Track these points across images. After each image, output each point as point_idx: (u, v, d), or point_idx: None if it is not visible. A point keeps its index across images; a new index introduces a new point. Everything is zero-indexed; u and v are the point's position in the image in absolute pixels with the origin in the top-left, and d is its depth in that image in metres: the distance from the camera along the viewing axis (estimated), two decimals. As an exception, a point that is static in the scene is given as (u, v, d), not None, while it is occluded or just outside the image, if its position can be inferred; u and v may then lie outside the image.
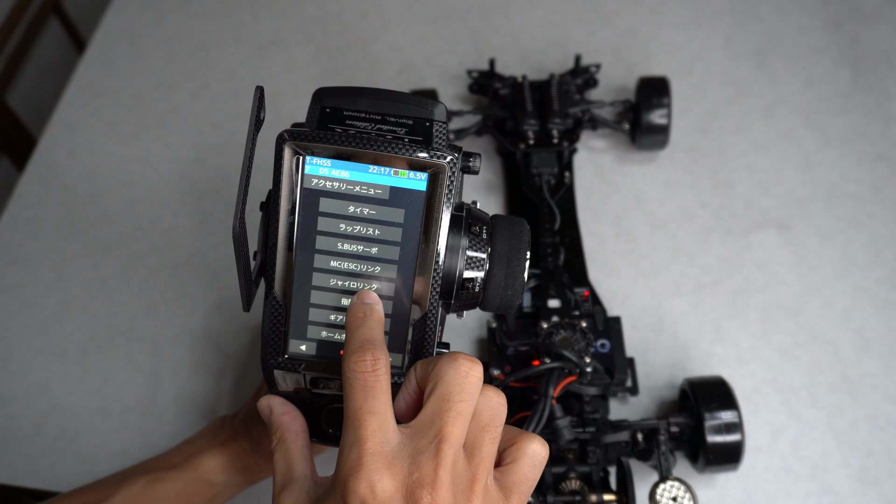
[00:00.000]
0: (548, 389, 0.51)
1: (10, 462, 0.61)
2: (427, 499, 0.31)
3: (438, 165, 0.36)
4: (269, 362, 0.39)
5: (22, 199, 0.73)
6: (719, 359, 0.62)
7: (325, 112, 0.38)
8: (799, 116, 0.75)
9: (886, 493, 0.57)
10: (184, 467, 0.50)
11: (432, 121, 0.38)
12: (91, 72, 0.82)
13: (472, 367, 0.33)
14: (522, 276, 0.39)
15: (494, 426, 0.34)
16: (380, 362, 0.33)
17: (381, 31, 0.83)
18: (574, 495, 0.52)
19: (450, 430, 0.32)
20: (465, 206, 0.39)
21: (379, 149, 0.36)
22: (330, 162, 0.37)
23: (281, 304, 0.38)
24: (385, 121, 0.38)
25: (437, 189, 0.37)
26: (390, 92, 0.38)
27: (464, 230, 0.38)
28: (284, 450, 0.38)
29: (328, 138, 0.36)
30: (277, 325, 0.38)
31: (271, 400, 0.40)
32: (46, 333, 0.66)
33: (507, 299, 0.39)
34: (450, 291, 0.38)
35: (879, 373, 0.61)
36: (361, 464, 0.31)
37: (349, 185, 0.37)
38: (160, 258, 0.69)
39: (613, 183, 0.72)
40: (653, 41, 0.80)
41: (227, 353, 0.64)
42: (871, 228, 0.68)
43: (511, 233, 0.39)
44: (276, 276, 0.38)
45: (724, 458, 0.53)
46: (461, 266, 0.38)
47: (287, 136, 0.36)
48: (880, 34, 0.79)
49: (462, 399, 0.32)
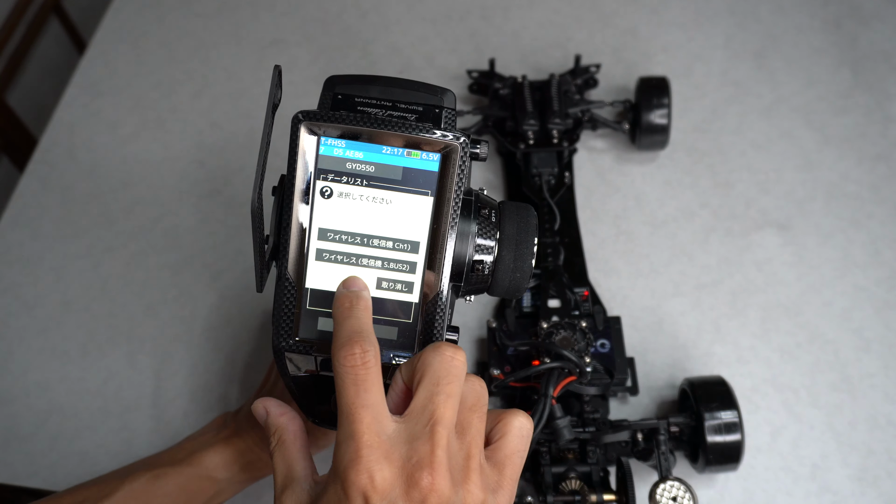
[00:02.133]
0: (548, 389, 0.51)
1: (10, 462, 0.61)
2: (427, 479, 0.31)
3: (450, 146, 0.37)
4: (281, 344, 0.39)
5: (22, 199, 0.73)
6: (719, 359, 0.62)
7: (338, 98, 0.38)
8: (799, 116, 0.75)
9: (886, 493, 0.57)
10: (187, 463, 0.50)
11: (442, 107, 0.39)
12: (91, 72, 0.82)
13: (455, 352, 0.34)
14: (531, 260, 0.39)
15: (480, 406, 0.35)
16: (369, 354, 0.33)
17: (381, 31, 0.83)
18: (574, 495, 0.52)
19: (442, 412, 0.32)
20: (474, 192, 0.40)
21: (394, 129, 0.37)
22: (345, 143, 0.37)
23: (294, 285, 0.38)
24: (395, 107, 0.38)
25: (450, 168, 0.37)
26: (401, 80, 0.39)
27: (473, 213, 0.39)
28: (284, 450, 0.38)
29: (344, 118, 0.37)
30: (289, 307, 0.38)
31: (266, 402, 0.40)
32: (46, 333, 0.66)
33: (516, 282, 0.39)
34: (459, 274, 0.39)
35: (879, 373, 0.61)
36: (360, 456, 0.31)
37: (363, 166, 0.37)
38: (160, 258, 0.69)
39: (613, 183, 0.72)
40: (653, 41, 0.80)
41: (227, 353, 0.64)
42: (871, 228, 0.68)
43: (519, 216, 0.40)
44: (290, 257, 0.38)
45: (724, 457, 0.53)
46: (471, 249, 0.39)
47: (302, 117, 0.37)
48: (880, 34, 0.79)
49: (450, 382, 0.33)
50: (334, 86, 0.39)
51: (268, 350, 0.64)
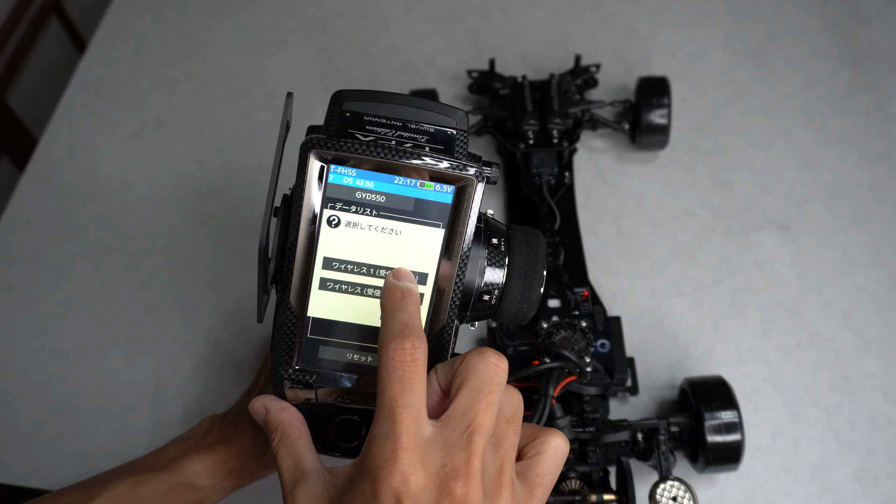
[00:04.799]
0: (548, 389, 0.51)
1: (10, 462, 0.61)
2: (461, 490, 0.31)
3: (466, 179, 0.36)
4: (280, 373, 0.37)
5: (22, 199, 0.73)
6: (719, 359, 0.62)
7: (346, 116, 0.37)
8: (799, 116, 0.75)
9: (886, 493, 0.57)
10: (168, 470, 0.48)
11: (454, 129, 0.37)
12: (91, 72, 0.82)
13: (499, 359, 0.33)
14: (539, 291, 0.39)
15: (517, 419, 0.34)
16: (419, 351, 0.32)
17: (381, 31, 0.83)
18: (574, 495, 0.52)
19: (481, 421, 0.32)
20: (483, 217, 0.39)
21: (408, 159, 0.35)
22: (355, 171, 0.36)
23: (295, 313, 0.37)
24: (406, 127, 0.37)
25: (465, 202, 0.36)
26: (412, 98, 0.38)
27: (483, 242, 0.38)
28: (289, 446, 0.36)
29: (355, 148, 0.35)
30: (289, 335, 0.37)
31: (265, 399, 0.38)
32: (46, 333, 0.66)
33: (522, 312, 0.39)
34: (466, 304, 0.38)
35: (879, 373, 0.61)
36: (396, 458, 0.31)
37: (374, 196, 0.36)
38: (160, 258, 0.69)
39: (613, 183, 0.72)
40: (653, 41, 0.80)
41: (227, 353, 0.64)
42: (871, 228, 0.68)
43: (528, 245, 0.39)
44: (293, 285, 0.37)
45: (724, 457, 0.53)
46: (479, 280, 0.38)
47: (312, 144, 0.35)
48: (880, 34, 0.79)
49: (492, 390, 0.32)
50: (342, 101, 0.37)
51: (267, 350, 0.64)
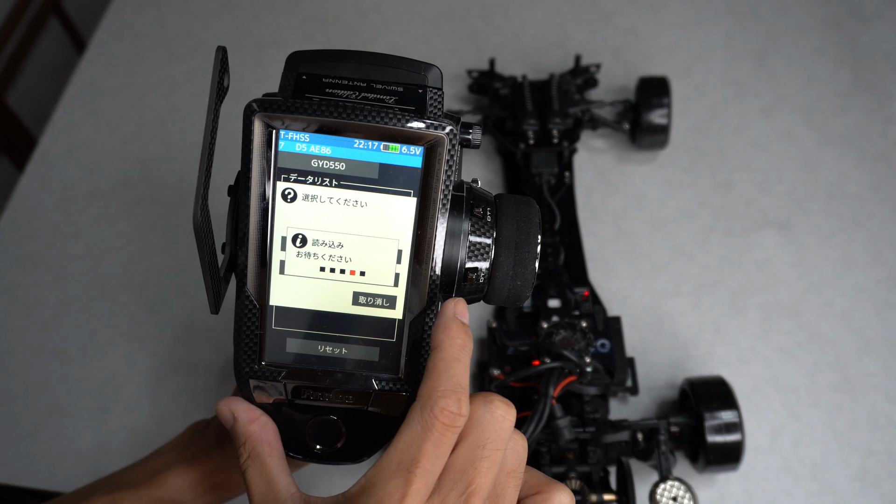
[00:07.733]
0: (548, 389, 0.51)
1: (10, 462, 0.60)
2: None
3: (436, 137, 0.32)
4: (244, 370, 0.34)
5: (22, 199, 0.73)
6: (719, 359, 0.62)
7: (302, 79, 0.32)
8: (799, 116, 0.75)
9: (886, 493, 0.57)
10: (147, 485, 0.45)
11: (426, 87, 0.33)
12: (91, 72, 0.82)
13: (507, 411, 0.31)
14: (533, 264, 0.34)
15: (519, 472, 0.32)
16: (462, 420, 0.30)
17: (381, 31, 0.83)
18: (574, 495, 0.52)
19: (481, 482, 0.30)
20: (466, 185, 0.34)
21: (366, 119, 0.31)
22: (308, 136, 0.32)
23: (255, 303, 0.34)
24: (371, 88, 0.32)
25: (435, 165, 0.32)
26: (377, 54, 0.33)
27: (465, 213, 0.33)
28: (259, 465, 0.33)
29: (305, 108, 0.31)
30: (252, 328, 0.34)
31: (233, 405, 0.34)
32: (46, 333, 0.66)
33: (517, 290, 0.35)
34: (451, 283, 0.34)
35: (879, 373, 0.61)
36: None
37: (332, 163, 0.32)
38: (160, 258, 0.69)
39: (613, 183, 0.72)
40: (653, 41, 0.80)
41: (227, 353, 0.64)
42: (871, 228, 0.68)
43: (519, 214, 0.34)
44: (249, 271, 0.33)
45: (724, 457, 0.53)
46: (463, 254, 0.33)
47: (256, 107, 0.32)
48: (880, 34, 0.79)
49: (497, 448, 0.30)
50: (298, 64, 0.33)
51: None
